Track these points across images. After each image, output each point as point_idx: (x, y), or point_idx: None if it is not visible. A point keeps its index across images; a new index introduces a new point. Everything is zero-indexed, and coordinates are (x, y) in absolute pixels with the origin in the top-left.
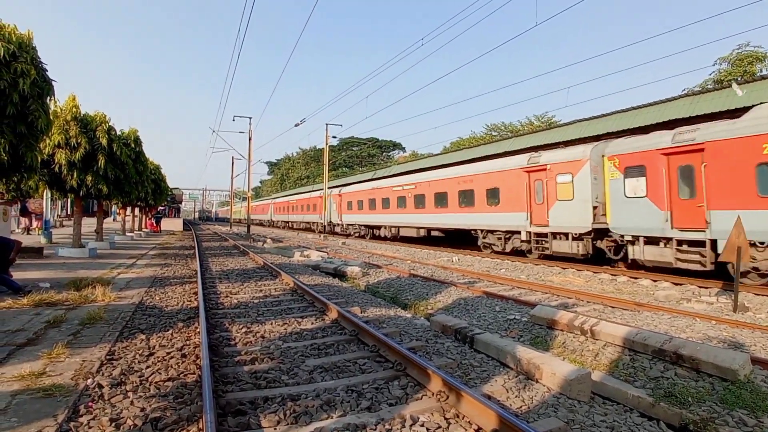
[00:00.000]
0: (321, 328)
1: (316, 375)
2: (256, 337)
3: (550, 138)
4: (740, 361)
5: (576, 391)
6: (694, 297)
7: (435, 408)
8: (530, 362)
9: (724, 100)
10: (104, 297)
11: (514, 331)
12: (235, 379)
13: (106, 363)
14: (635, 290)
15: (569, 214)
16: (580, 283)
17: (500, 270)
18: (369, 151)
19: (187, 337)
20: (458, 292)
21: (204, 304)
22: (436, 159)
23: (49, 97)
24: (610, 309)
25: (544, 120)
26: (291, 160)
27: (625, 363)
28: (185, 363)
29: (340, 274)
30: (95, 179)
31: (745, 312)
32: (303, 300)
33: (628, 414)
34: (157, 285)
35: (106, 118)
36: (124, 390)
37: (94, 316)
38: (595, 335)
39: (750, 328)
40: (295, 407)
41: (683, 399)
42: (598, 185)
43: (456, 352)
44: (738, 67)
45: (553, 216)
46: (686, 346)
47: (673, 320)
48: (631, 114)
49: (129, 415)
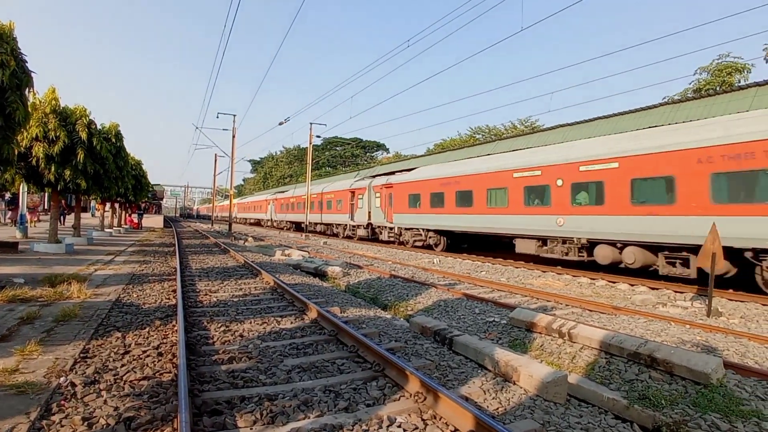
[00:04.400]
0: (300, 328)
1: (294, 375)
2: (234, 336)
3: (533, 142)
4: (713, 365)
5: (552, 393)
6: (670, 301)
7: (412, 409)
8: (508, 364)
9: (703, 109)
10: (80, 294)
11: (493, 334)
12: (212, 378)
13: (79, 361)
14: (613, 294)
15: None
16: (559, 286)
17: (481, 272)
18: (353, 151)
19: (164, 335)
20: (438, 293)
21: (182, 302)
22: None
23: (28, 89)
24: (588, 312)
25: (527, 124)
26: (274, 159)
27: (602, 366)
28: (161, 362)
29: (321, 274)
30: (74, 174)
31: (718, 317)
32: (283, 299)
33: (602, 416)
34: (135, 282)
35: (87, 112)
36: (98, 389)
37: (69, 313)
38: (572, 338)
39: (723, 333)
40: (272, 407)
41: (657, 402)
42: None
43: (435, 354)
44: (717, 77)
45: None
46: (661, 349)
47: (648, 324)
48: (614, 120)
49: (102, 414)
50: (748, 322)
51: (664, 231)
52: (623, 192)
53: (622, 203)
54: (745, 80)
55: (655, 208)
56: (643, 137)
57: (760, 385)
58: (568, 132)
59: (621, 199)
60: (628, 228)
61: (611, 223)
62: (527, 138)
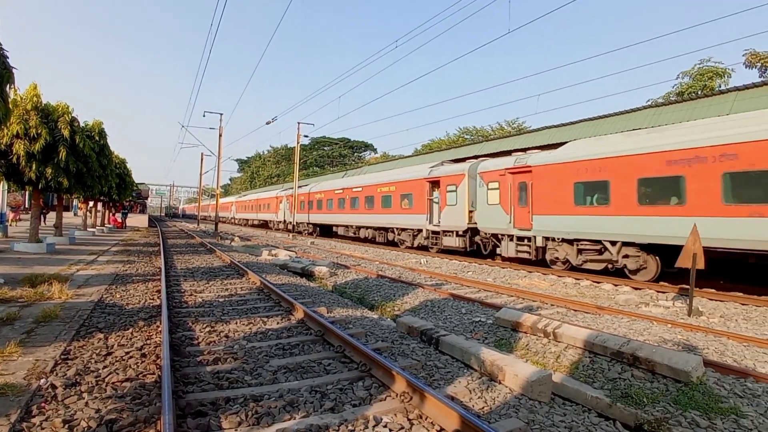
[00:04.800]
0: (286, 328)
1: (280, 375)
2: (219, 337)
3: (519, 143)
4: (693, 364)
5: (537, 392)
6: (652, 301)
7: (398, 409)
8: (494, 364)
9: (685, 113)
10: (61, 294)
11: (479, 333)
12: (196, 379)
13: (60, 362)
14: (597, 294)
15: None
16: (544, 286)
17: (467, 273)
18: (340, 151)
19: (148, 336)
20: (425, 293)
21: (167, 303)
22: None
23: (9, 85)
24: (572, 312)
25: (514, 126)
26: (261, 158)
27: (585, 365)
28: (145, 363)
29: (308, 274)
30: (55, 172)
31: (699, 316)
32: (269, 299)
33: (586, 414)
34: (118, 282)
35: (69, 109)
36: (79, 391)
37: (50, 314)
38: (557, 338)
39: (703, 332)
40: (258, 408)
41: (639, 400)
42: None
43: (421, 354)
44: (699, 81)
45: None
46: (643, 348)
47: (631, 323)
48: (596, 123)
49: (83, 417)
50: (727, 321)
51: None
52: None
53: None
54: (725, 85)
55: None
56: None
57: (738, 383)
58: (554, 133)
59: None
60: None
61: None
62: (514, 139)
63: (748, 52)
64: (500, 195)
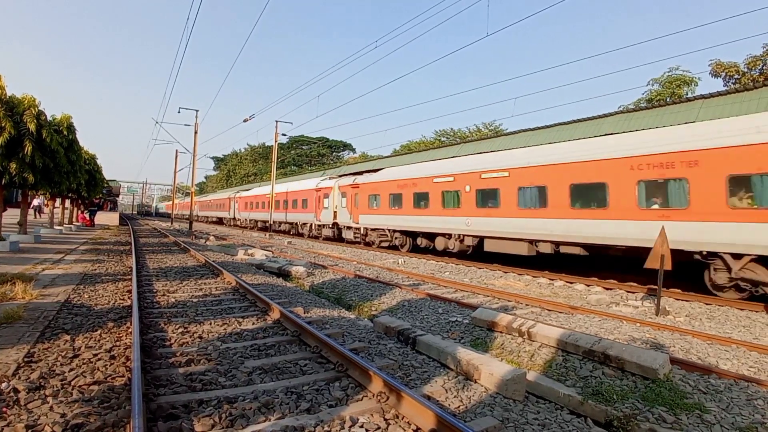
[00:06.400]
0: (262, 329)
1: (255, 376)
2: (193, 338)
3: (497, 145)
4: (660, 361)
5: (512, 391)
6: (622, 301)
7: (375, 409)
8: (469, 363)
9: (654, 119)
10: (25, 294)
11: (455, 333)
12: (168, 381)
13: (23, 365)
14: (570, 294)
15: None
16: (520, 286)
17: (444, 273)
18: (319, 150)
19: (118, 337)
20: (403, 293)
21: (138, 303)
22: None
23: None
24: (546, 312)
25: (492, 128)
26: (238, 156)
27: (558, 363)
28: (114, 365)
29: (285, 274)
30: (20, 167)
31: (666, 315)
32: (245, 299)
33: (558, 412)
34: (86, 282)
35: (36, 102)
36: (43, 395)
37: (12, 315)
38: (531, 337)
39: (670, 330)
40: (232, 410)
41: (609, 397)
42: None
43: (398, 354)
44: (668, 88)
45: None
46: (613, 347)
47: (602, 323)
48: (572, 126)
49: (47, 422)
50: (692, 321)
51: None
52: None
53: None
54: (692, 92)
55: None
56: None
57: (702, 380)
58: (531, 136)
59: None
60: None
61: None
62: (491, 141)
63: (714, 62)
64: (348, 201)
